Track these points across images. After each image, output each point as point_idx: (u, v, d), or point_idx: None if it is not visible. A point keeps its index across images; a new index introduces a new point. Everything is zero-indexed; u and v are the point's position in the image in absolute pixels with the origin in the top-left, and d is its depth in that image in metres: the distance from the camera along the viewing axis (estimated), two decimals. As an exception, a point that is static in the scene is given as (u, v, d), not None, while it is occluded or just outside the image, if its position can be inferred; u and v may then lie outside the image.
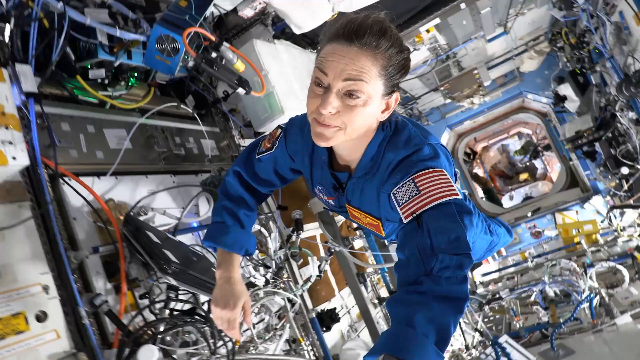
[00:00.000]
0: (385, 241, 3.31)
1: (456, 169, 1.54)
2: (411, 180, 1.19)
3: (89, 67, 2.15)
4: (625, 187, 5.11)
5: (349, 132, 1.19)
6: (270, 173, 1.61)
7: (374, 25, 1.12)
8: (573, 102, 6.75)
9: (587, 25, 4.77)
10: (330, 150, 1.42)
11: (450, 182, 1.19)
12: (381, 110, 1.23)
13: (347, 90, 1.13)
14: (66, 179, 1.78)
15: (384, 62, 1.14)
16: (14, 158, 1.45)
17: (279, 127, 1.59)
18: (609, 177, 5.84)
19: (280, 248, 2.75)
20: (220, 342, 1.79)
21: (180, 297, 1.82)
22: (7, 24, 1.80)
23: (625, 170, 4.95)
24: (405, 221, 1.17)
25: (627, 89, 3.99)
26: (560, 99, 7.01)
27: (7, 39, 1.81)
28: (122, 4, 2.19)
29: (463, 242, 1.10)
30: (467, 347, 4.09)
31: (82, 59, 2.12)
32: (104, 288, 1.79)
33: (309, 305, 2.94)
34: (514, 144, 13.64)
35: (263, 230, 2.65)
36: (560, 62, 6.64)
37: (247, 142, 2.98)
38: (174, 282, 1.64)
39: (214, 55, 2.09)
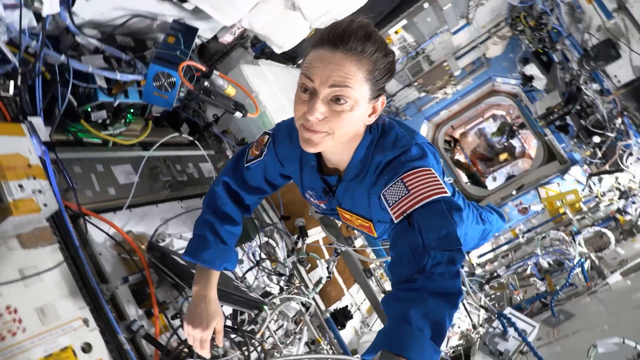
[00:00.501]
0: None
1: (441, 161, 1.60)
2: (400, 181, 1.21)
3: (90, 110, 2.27)
4: (599, 154, 5.37)
5: (337, 137, 1.20)
6: (261, 180, 1.61)
7: (359, 30, 1.12)
8: (540, 81, 7.04)
9: (542, 8, 5.05)
10: (319, 154, 1.44)
11: (438, 181, 1.21)
12: (368, 114, 1.25)
13: (333, 95, 1.13)
14: (88, 217, 1.90)
15: (369, 67, 1.15)
16: (45, 205, 1.57)
17: (265, 133, 1.59)
18: (583, 147, 6.11)
19: (289, 256, 2.89)
20: (252, 349, 1.92)
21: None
22: (12, 81, 1.93)
23: (597, 139, 5.21)
24: (396, 221, 1.19)
25: (588, 64, 4.25)
26: (527, 79, 7.30)
27: (12, 94, 1.94)
28: (113, 47, 2.31)
29: (454, 237, 1.12)
30: (474, 327, 4.27)
31: (82, 104, 2.24)
32: (136, 314, 1.91)
33: (322, 306, 3.09)
34: (490, 127, 13.99)
35: (271, 241, 2.79)
36: (522, 44, 6.94)
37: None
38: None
39: (206, 84, 2.24)
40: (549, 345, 3.26)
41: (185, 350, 1.78)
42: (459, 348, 4.04)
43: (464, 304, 4.34)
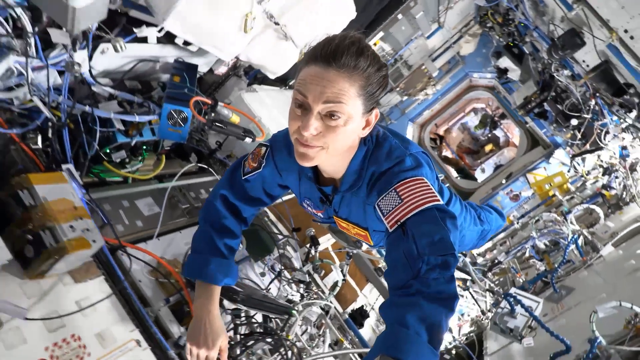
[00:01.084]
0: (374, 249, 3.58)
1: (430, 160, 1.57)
2: (393, 190, 1.23)
3: (109, 151, 2.46)
4: (579, 135, 5.65)
5: (331, 151, 1.22)
6: (260, 192, 1.60)
7: (351, 47, 1.13)
8: (514, 72, 7.35)
9: (508, 5, 5.36)
10: (315, 165, 1.44)
11: (431, 189, 1.23)
12: (362, 127, 1.26)
13: (327, 111, 1.15)
14: (126, 249, 2.09)
15: (362, 82, 1.16)
16: (94, 241, 1.76)
17: (261, 145, 1.58)
18: (563, 130, 6.39)
19: (304, 265, 3.08)
20: (288, 351, 2.11)
21: (243, 319, 2.13)
22: (39, 135, 2.13)
23: (574, 122, 5.49)
24: (390, 230, 1.21)
25: (556, 53, 4.53)
26: (502, 72, 7.63)
27: (41, 146, 2.13)
28: (124, 91, 2.52)
29: (447, 242, 1.14)
30: (483, 312, 4.49)
31: (102, 146, 2.43)
32: (179, 331, 2.09)
33: (340, 309, 3.28)
34: (472, 120, 14.32)
35: (286, 252, 2.98)
36: (493, 39, 7.25)
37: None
38: (243, 308, 1.96)
39: (213, 114, 2.45)
40: (554, 320, 3.48)
41: (229, 358, 1.96)
42: (471, 334, 4.25)
43: (470, 293, 4.56)
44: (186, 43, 2.38)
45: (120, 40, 1.79)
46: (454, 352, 4.04)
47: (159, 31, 2.06)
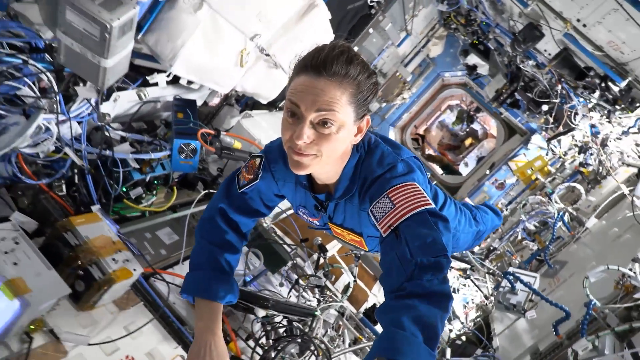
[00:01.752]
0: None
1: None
2: (386, 196, 1.25)
3: (125, 190, 2.65)
4: (551, 119, 5.99)
5: (325, 159, 1.22)
6: (258, 203, 1.59)
7: (341, 56, 1.14)
8: (483, 67, 7.73)
9: (468, 7, 5.72)
10: (308, 173, 1.45)
11: (422, 193, 1.25)
12: (354, 134, 1.28)
13: (319, 119, 1.16)
14: (159, 275, 2.27)
15: (353, 90, 1.17)
16: (134, 270, 1.95)
17: (255, 156, 1.57)
18: (536, 116, 6.74)
19: (316, 272, 3.28)
20: (316, 349, 2.30)
21: (274, 325, 2.33)
22: (63, 183, 2.32)
23: (545, 107, 5.83)
24: (384, 235, 1.22)
25: (519, 46, 4.85)
26: (471, 69, 8.00)
27: (65, 193, 2.32)
28: (133, 132, 2.72)
29: (439, 244, 1.15)
30: (486, 297, 4.72)
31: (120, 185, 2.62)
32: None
33: (353, 310, 3.48)
34: (449, 117, 14.72)
35: (297, 262, 3.18)
36: (459, 39, 7.63)
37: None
38: (275, 313, 2.16)
39: (217, 144, 2.67)
40: (552, 293, 3.72)
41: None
42: (478, 320, 4.47)
43: (472, 280, 4.80)
44: (189, 82, 2.60)
45: (144, 90, 2.01)
46: (464, 338, 4.24)
47: (167, 75, 2.28)
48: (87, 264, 1.83)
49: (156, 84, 2.36)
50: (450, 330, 4.09)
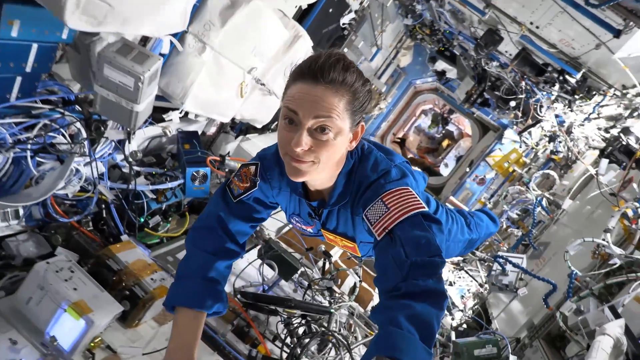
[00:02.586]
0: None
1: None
2: (380, 200, 1.26)
3: (143, 220, 2.89)
4: (520, 114, 6.40)
5: (322, 165, 1.23)
6: (256, 209, 1.53)
7: (337, 63, 1.15)
8: (451, 71, 8.19)
9: (431, 19, 6.14)
10: (303, 181, 1.45)
11: (416, 197, 1.27)
12: (350, 140, 1.28)
13: (317, 126, 1.16)
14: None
15: (349, 97, 1.17)
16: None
17: (249, 164, 1.53)
18: (506, 112, 7.14)
19: (323, 276, 3.54)
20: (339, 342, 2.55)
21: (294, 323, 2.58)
22: (90, 219, 2.55)
23: (513, 103, 6.23)
24: (378, 238, 1.23)
25: (482, 50, 5.26)
26: (441, 74, 8.46)
27: (92, 228, 2.55)
28: (145, 166, 2.97)
29: (433, 245, 1.17)
30: (480, 285, 5.02)
31: (139, 215, 2.86)
32: (245, 348, 2.51)
33: (362, 310, 3.73)
34: (425, 122, 15.24)
35: (305, 270, 3.44)
36: (426, 48, 8.09)
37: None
38: (299, 312, 2.41)
39: (224, 168, 2.93)
40: (540, 272, 4.04)
41: (295, 357, 2.39)
42: (476, 307, 4.77)
43: (466, 271, 5.11)
44: (186, 114, 2.87)
45: (169, 126, 2.27)
46: (465, 325, 4.52)
47: (180, 112, 2.54)
48: (130, 285, 2.07)
49: (171, 120, 2.63)
50: (452, 319, 4.37)
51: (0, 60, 1.54)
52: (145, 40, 2.22)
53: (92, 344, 1.86)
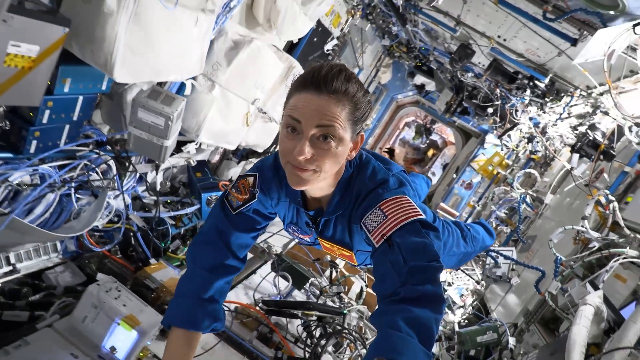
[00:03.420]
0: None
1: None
2: (378, 208, 1.27)
3: (164, 245, 3.15)
4: (498, 119, 6.81)
5: (323, 174, 1.24)
6: (256, 220, 1.54)
7: (340, 74, 1.16)
8: (430, 84, 8.62)
9: (407, 38, 6.56)
10: (302, 190, 1.46)
11: (413, 205, 1.28)
12: (350, 150, 1.29)
13: (320, 135, 1.17)
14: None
15: (351, 107, 1.19)
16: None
17: (245, 176, 1.53)
18: (485, 118, 7.56)
19: (331, 284, 3.80)
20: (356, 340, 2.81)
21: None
22: (117, 247, 2.81)
23: (490, 110, 6.65)
24: (377, 245, 1.23)
25: (456, 63, 5.66)
26: (420, 88, 8.89)
27: (120, 255, 2.81)
28: (164, 196, 3.24)
29: (431, 250, 1.18)
30: (477, 282, 5.31)
31: (160, 240, 3.12)
32: (271, 352, 2.75)
33: (369, 312, 3.99)
34: (409, 133, 15.72)
35: (314, 280, 3.70)
36: (404, 64, 8.53)
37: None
38: (318, 313, 2.67)
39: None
40: (529, 263, 4.36)
41: (318, 351, 2.64)
42: (475, 303, 5.05)
43: (462, 270, 5.40)
44: (200, 145, 3.17)
45: (191, 157, 2.55)
46: (467, 321, 4.79)
47: (196, 144, 2.83)
48: (167, 300, 2.32)
49: (188, 152, 2.92)
50: (454, 315, 4.64)
51: (55, 112, 1.82)
52: (161, 82, 2.52)
53: (141, 354, 2.10)
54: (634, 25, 2.44)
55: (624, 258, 2.69)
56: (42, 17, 1.40)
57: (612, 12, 2.94)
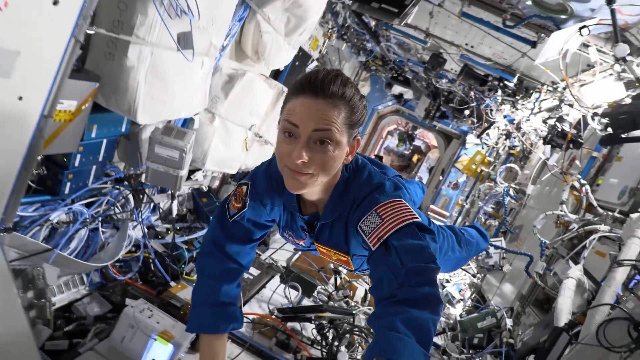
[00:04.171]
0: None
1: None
2: (374, 212, 1.28)
3: (181, 267, 3.36)
4: (475, 119, 7.16)
5: (321, 178, 1.24)
6: (250, 229, 1.58)
7: (336, 78, 1.17)
8: (408, 93, 8.99)
9: (381, 53, 6.91)
10: (297, 195, 1.47)
11: (409, 209, 1.29)
12: (347, 154, 1.30)
13: (317, 138, 1.17)
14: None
15: (348, 111, 1.19)
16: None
17: (242, 183, 1.57)
18: (463, 120, 7.94)
19: (337, 289, 4.03)
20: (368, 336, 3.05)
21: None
22: (137, 275, 3.02)
23: (467, 112, 7.01)
24: (373, 248, 1.24)
25: (430, 72, 6.01)
26: (398, 97, 9.26)
27: (141, 281, 3.02)
28: (177, 222, 3.46)
29: (428, 252, 1.18)
30: (473, 276, 5.58)
31: (176, 264, 3.33)
32: (289, 356, 2.97)
33: (375, 313, 4.22)
34: (392, 141, 16.10)
35: (320, 288, 3.93)
36: (381, 77, 8.90)
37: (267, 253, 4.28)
38: (330, 315, 2.90)
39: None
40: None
41: (334, 350, 2.87)
42: (474, 295, 5.31)
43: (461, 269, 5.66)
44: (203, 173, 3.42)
45: (203, 183, 2.79)
46: (467, 313, 5.04)
47: (203, 172, 3.06)
48: (185, 329, 2.55)
49: (197, 179, 3.16)
50: (455, 309, 4.89)
51: (84, 156, 2.06)
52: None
53: (176, 366, 2.32)
54: (580, 28, 2.77)
55: (599, 234, 2.98)
56: (78, 76, 1.65)
57: (562, 16, 3.29)
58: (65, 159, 1.99)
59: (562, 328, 2.09)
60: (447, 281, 5.90)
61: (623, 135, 2.68)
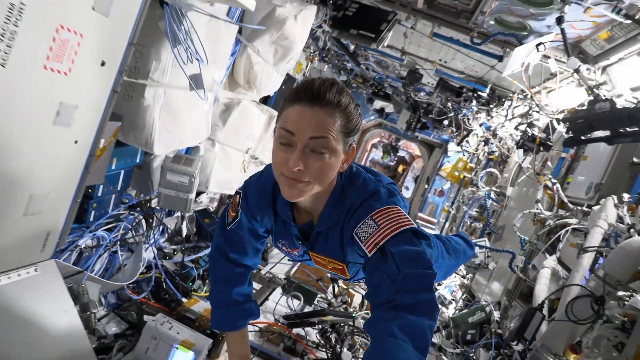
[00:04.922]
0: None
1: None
2: (370, 218, 1.28)
3: (190, 284, 3.58)
4: (454, 128, 7.53)
5: (317, 185, 1.24)
6: (248, 238, 1.62)
7: (332, 87, 1.18)
8: (389, 107, 9.36)
9: (360, 71, 7.27)
10: (291, 204, 1.47)
11: (404, 215, 1.30)
12: (342, 161, 1.29)
13: (313, 146, 1.17)
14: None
15: (343, 118, 1.20)
16: (235, 321, 2.90)
17: (237, 192, 1.61)
18: (443, 129, 8.31)
19: (335, 297, 4.28)
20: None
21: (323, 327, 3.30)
22: (150, 294, 3.24)
23: (446, 122, 7.38)
24: (369, 254, 1.24)
25: (408, 86, 6.38)
26: (380, 111, 9.63)
27: (154, 299, 3.23)
28: (179, 244, 3.69)
29: (424, 258, 1.19)
30: (463, 277, 5.87)
31: (185, 281, 3.55)
32: (296, 358, 3.20)
33: (373, 318, 4.46)
34: (377, 154, 16.46)
35: (321, 296, 4.17)
36: (362, 93, 9.26)
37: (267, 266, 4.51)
38: (332, 318, 3.14)
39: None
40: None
41: (337, 350, 3.11)
42: (465, 295, 5.58)
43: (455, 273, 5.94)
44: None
45: (208, 205, 3.03)
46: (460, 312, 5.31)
47: (207, 194, 3.31)
48: (208, 327, 2.77)
49: (202, 202, 3.40)
50: (448, 309, 5.16)
51: (105, 186, 2.30)
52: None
53: (196, 372, 2.53)
54: (537, 45, 3.12)
55: (570, 227, 3.29)
56: (105, 117, 1.91)
57: (523, 33, 3.66)
58: (89, 190, 2.23)
59: (535, 308, 2.37)
60: (439, 284, 6.17)
61: (582, 137, 3.01)
